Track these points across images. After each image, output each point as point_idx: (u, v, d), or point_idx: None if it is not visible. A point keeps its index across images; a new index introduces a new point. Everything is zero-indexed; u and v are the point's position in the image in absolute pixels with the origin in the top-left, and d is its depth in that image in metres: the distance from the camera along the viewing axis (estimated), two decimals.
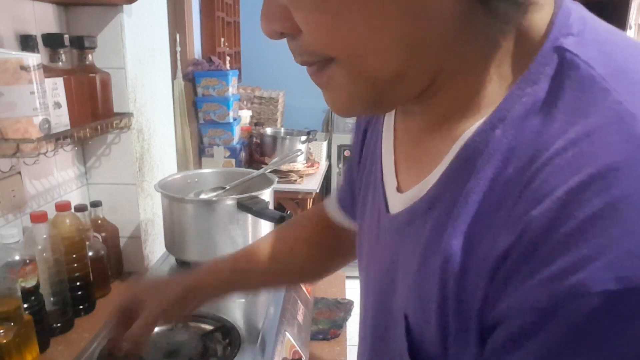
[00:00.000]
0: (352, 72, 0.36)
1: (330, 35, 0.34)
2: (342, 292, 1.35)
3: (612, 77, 0.31)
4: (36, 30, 1.08)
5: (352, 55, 0.34)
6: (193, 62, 2.43)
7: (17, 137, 0.86)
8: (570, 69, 0.32)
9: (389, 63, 0.34)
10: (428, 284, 0.37)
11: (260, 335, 0.86)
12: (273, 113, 3.05)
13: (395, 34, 0.33)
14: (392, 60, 0.34)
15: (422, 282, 0.38)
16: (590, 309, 0.26)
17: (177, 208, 1.10)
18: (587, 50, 0.33)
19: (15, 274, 0.86)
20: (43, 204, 1.14)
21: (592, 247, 0.27)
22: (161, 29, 1.51)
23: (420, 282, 0.38)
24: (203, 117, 2.46)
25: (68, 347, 0.98)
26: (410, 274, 0.40)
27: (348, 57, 0.35)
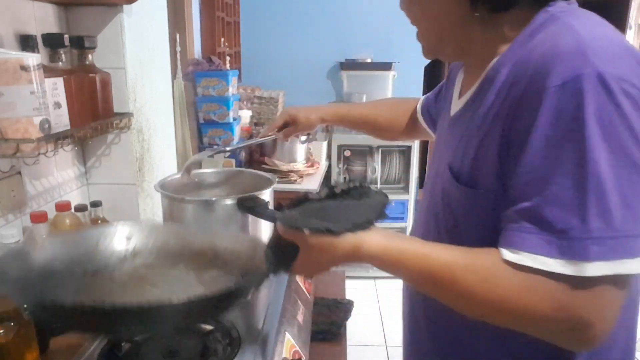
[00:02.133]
0: (419, 35, 0.71)
1: (411, 18, 0.70)
2: (342, 292, 1.35)
3: (580, 25, 0.55)
4: (36, 30, 1.08)
5: (418, 28, 0.70)
6: (193, 62, 2.43)
7: (17, 137, 0.86)
8: (553, 20, 0.58)
9: (429, 38, 0.70)
10: (469, 140, 0.63)
11: (260, 335, 0.86)
12: (273, 113, 3.05)
13: (428, 26, 0.68)
14: (430, 38, 0.69)
15: (466, 140, 0.64)
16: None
17: (177, 208, 1.10)
18: (566, 14, 0.58)
19: None
20: (43, 204, 1.14)
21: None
22: (161, 29, 1.51)
23: (465, 140, 0.64)
24: (203, 117, 2.46)
25: (68, 347, 0.97)
26: (454, 142, 0.67)
27: (417, 30, 0.70)
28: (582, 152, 0.50)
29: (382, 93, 3.36)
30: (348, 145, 3.09)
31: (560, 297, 0.50)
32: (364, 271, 3.22)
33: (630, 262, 0.49)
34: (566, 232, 0.50)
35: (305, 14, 3.59)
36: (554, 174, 0.51)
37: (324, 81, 3.69)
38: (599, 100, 0.50)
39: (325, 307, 1.22)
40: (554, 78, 0.51)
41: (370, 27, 3.53)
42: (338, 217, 0.63)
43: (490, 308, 0.55)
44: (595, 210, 0.49)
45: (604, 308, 0.50)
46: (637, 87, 0.51)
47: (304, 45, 3.62)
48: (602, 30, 0.55)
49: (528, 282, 0.51)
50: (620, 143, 0.50)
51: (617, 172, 0.49)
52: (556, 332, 0.53)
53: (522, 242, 0.52)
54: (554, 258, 0.50)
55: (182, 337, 0.83)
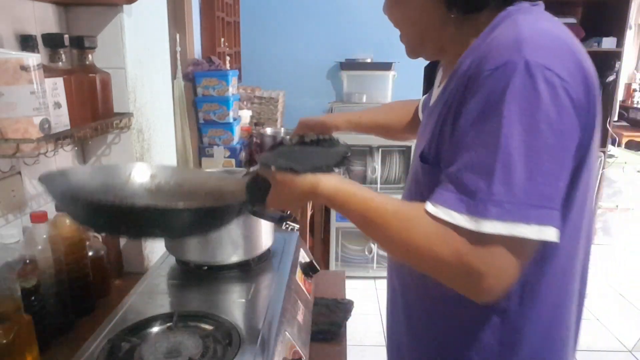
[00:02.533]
0: (403, 39, 0.79)
1: (390, 17, 0.78)
2: (342, 292, 1.35)
3: (527, 26, 0.61)
4: (36, 30, 1.08)
5: (401, 31, 0.78)
6: (193, 62, 2.43)
7: (17, 137, 0.86)
8: (507, 17, 0.65)
9: (411, 39, 0.77)
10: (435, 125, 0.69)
11: (260, 335, 0.86)
12: (273, 113, 3.05)
13: (409, 28, 0.76)
14: (412, 39, 0.77)
15: (433, 125, 0.70)
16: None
17: None
18: (519, 12, 0.66)
19: (15, 274, 0.86)
20: (43, 204, 1.14)
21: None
22: (161, 29, 1.51)
23: (432, 125, 0.70)
24: (203, 117, 2.46)
25: (68, 347, 0.98)
26: (429, 128, 0.72)
27: (401, 33, 0.78)
28: (499, 127, 0.57)
29: (382, 93, 3.36)
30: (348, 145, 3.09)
31: (459, 246, 0.58)
32: (364, 271, 3.22)
33: (524, 227, 0.55)
34: (474, 194, 0.57)
35: (305, 14, 3.59)
36: (475, 145, 0.59)
37: (324, 81, 3.69)
38: (522, 84, 0.56)
39: (325, 307, 1.22)
40: (490, 64, 0.59)
41: (370, 27, 3.53)
42: (303, 160, 0.73)
43: (407, 251, 0.63)
44: (501, 178, 0.56)
45: (497, 264, 0.57)
46: (560, 76, 0.57)
47: (304, 45, 3.62)
48: (543, 25, 0.62)
49: (438, 232, 0.59)
50: (534, 123, 0.56)
51: (527, 148, 0.56)
52: (455, 278, 0.61)
53: (442, 199, 0.60)
54: (462, 214, 0.58)
55: (182, 337, 0.83)
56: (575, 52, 0.60)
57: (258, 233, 1.13)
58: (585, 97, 0.60)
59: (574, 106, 0.58)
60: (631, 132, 4.86)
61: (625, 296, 3.07)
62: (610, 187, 3.71)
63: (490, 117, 0.58)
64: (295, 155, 0.77)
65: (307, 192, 0.71)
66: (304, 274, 1.22)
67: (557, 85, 0.57)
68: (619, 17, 3.39)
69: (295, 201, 0.75)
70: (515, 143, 0.56)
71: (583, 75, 0.60)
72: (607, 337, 2.63)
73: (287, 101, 3.44)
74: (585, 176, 0.65)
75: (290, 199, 0.74)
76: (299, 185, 0.70)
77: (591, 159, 0.64)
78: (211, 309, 0.94)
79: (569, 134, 0.58)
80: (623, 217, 3.76)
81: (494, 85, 0.58)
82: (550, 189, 0.57)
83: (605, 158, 3.42)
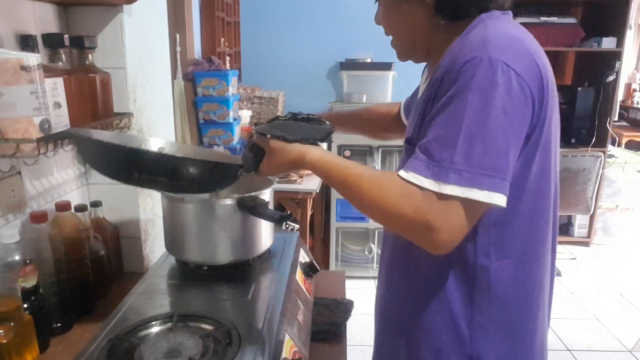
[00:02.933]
0: (394, 44, 0.90)
1: (384, 25, 0.89)
2: (342, 292, 1.35)
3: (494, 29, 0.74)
4: (36, 30, 1.08)
5: (392, 37, 0.89)
6: (193, 62, 2.43)
7: (17, 137, 0.86)
8: (480, 22, 0.78)
9: (404, 44, 0.89)
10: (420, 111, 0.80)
11: (260, 335, 0.86)
12: (273, 113, 3.05)
13: (402, 36, 0.88)
14: (405, 44, 0.88)
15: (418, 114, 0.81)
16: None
17: (177, 208, 1.10)
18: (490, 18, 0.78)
19: (15, 274, 0.86)
20: (43, 204, 1.14)
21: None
22: (161, 29, 1.51)
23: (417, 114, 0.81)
24: (203, 117, 2.46)
25: (68, 347, 0.98)
26: (414, 118, 0.83)
27: (392, 38, 0.90)
28: (463, 109, 0.69)
29: (382, 93, 3.36)
30: (348, 145, 3.09)
31: (421, 204, 0.69)
32: (364, 271, 3.22)
33: (477, 192, 0.67)
34: (439, 162, 0.69)
35: (305, 14, 3.59)
36: (443, 122, 0.71)
37: (324, 81, 3.69)
38: (484, 75, 0.69)
39: (325, 307, 1.21)
40: (462, 59, 0.71)
41: (370, 27, 3.49)
42: (294, 132, 0.85)
43: (377, 208, 0.75)
44: (461, 150, 0.68)
45: (450, 220, 0.69)
46: (516, 71, 0.69)
47: (304, 45, 3.62)
48: (507, 30, 0.75)
49: (405, 191, 0.71)
50: (490, 107, 0.68)
51: (484, 127, 0.68)
52: (415, 231, 0.72)
53: (412, 166, 0.72)
54: (428, 178, 0.69)
55: (182, 337, 0.83)
56: (531, 52, 0.73)
57: (258, 233, 1.13)
58: (538, 90, 0.72)
59: (526, 96, 0.70)
60: (631, 132, 4.86)
61: (625, 296, 3.07)
62: (610, 187, 3.71)
63: (457, 100, 0.70)
64: (288, 127, 0.88)
65: (296, 159, 0.83)
66: (304, 274, 1.22)
67: (513, 78, 0.69)
68: (619, 17, 3.39)
69: (284, 166, 0.86)
70: (474, 122, 0.68)
71: (537, 72, 0.72)
72: (607, 337, 2.63)
73: (287, 101, 3.44)
74: (543, 155, 0.77)
75: (280, 164, 0.86)
76: (289, 151, 0.84)
77: (548, 138, 0.77)
78: (211, 309, 0.94)
79: (520, 119, 0.71)
80: (623, 217, 3.77)
81: (463, 75, 0.70)
82: (501, 162, 0.69)
83: (605, 158, 3.42)
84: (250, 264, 1.14)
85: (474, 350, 0.82)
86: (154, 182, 0.86)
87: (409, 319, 0.88)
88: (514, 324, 0.83)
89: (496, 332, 0.82)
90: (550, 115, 0.76)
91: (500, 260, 0.80)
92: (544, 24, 3.43)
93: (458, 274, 0.81)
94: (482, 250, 0.79)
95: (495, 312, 0.81)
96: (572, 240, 3.80)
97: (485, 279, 0.80)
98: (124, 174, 0.87)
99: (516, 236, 0.80)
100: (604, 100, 3.51)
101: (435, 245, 0.71)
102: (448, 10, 0.80)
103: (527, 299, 0.84)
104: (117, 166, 0.86)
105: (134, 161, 0.84)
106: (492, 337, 0.82)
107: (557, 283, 3.20)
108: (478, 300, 0.81)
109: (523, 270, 0.82)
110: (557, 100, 0.80)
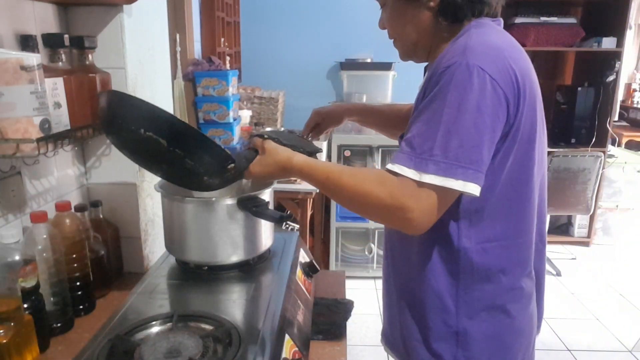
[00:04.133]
0: (397, 45, 0.97)
1: (389, 29, 0.97)
2: (342, 292, 1.35)
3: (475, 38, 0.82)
4: (36, 30, 1.08)
5: (395, 39, 0.97)
6: (193, 62, 2.43)
7: (17, 137, 0.86)
8: (467, 30, 0.86)
9: (407, 45, 0.95)
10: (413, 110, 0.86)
11: (260, 335, 0.86)
12: (273, 113, 3.05)
13: (406, 38, 0.94)
14: (408, 45, 0.95)
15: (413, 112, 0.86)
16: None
17: (177, 208, 1.10)
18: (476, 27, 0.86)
19: (15, 274, 0.86)
20: (43, 204, 1.14)
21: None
22: (161, 29, 1.51)
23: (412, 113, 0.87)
24: (203, 117, 2.46)
25: (68, 347, 0.98)
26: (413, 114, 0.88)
27: (395, 40, 0.97)
28: (442, 107, 0.77)
29: (382, 93, 3.36)
30: (348, 145, 3.09)
31: (395, 189, 0.78)
32: (364, 271, 3.22)
33: (453, 181, 0.76)
34: (420, 154, 0.77)
35: (305, 14, 3.59)
36: (425, 119, 0.79)
37: (324, 81, 3.69)
38: (462, 78, 0.77)
39: (325, 307, 1.21)
40: (445, 63, 0.80)
41: (370, 27, 3.50)
42: (288, 139, 0.97)
43: (353, 197, 0.83)
44: (440, 144, 0.76)
45: (424, 205, 0.77)
46: (489, 73, 0.77)
47: (304, 45, 3.62)
48: (486, 38, 0.83)
49: (380, 179, 0.80)
50: (467, 106, 0.76)
51: (460, 124, 0.76)
52: (388, 213, 0.80)
53: (397, 158, 0.80)
54: (410, 168, 0.77)
55: (182, 337, 0.83)
56: (507, 58, 0.80)
57: (258, 233, 1.13)
58: (512, 93, 0.79)
59: (499, 98, 0.78)
60: (631, 132, 4.86)
61: (625, 296, 3.07)
62: (610, 187, 3.71)
63: (437, 100, 0.78)
64: (283, 134, 0.99)
65: (284, 160, 0.92)
66: (304, 274, 1.22)
67: (487, 81, 0.77)
68: (619, 17, 3.39)
69: (272, 166, 0.93)
70: (451, 119, 0.76)
71: (511, 77, 0.79)
72: (607, 337, 2.63)
73: (287, 101, 3.44)
74: (522, 150, 0.84)
75: (269, 163, 0.93)
76: (279, 153, 0.93)
77: (529, 137, 0.84)
78: (211, 309, 0.94)
79: (494, 117, 0.78)
80: (623, 217, 3.77)
81: (445, 78, 0.78)
82: (475, 155, 0.76)
83: (605, 158, 3.42)
84: (250, 264, 1.15)
85: (460, 325, 0.90)
86: (153, 143, 0.88)
87: (405, 299, 0.98)
88: (497, 301, 0.90)
89: (481, 309, 0.90)
90: (529, 114, 0.83)
91: (481, 243, 0.88)
92: (544, 24, 3.43)
93: (444, 255, 0.90)
94: (464, 233, 0.88)
95: (479, 290, 0.89)
96: (572, 240, 3.80)
97: (468, 260, 0.88)
98: (127, 125, 0.90)
99: (495, 221, 0.88)
100: (604, 100, 3.51)
101: (409, 225, 0.79)
102: (450, 13, 0.87)
103: (509, 278, 0.91)
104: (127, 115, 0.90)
105: (147, 116, 0.89)
106: (476, 313, 0.90)
107: (557, 283, 3.21)
108: (463, 279, 0.89)
109: (505, 251, 0.90)
110: (540, 99, 0.88)
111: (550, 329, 2.68)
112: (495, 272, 0.90)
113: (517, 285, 0.92)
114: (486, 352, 0.91)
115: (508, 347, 0.93)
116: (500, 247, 0.89)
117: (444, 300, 0.90)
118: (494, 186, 0.84)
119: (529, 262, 0.94)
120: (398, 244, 1.01)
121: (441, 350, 0.92)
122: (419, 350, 0.94)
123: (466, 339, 0.90)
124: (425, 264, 0.92)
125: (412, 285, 0.95)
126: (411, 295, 0.96)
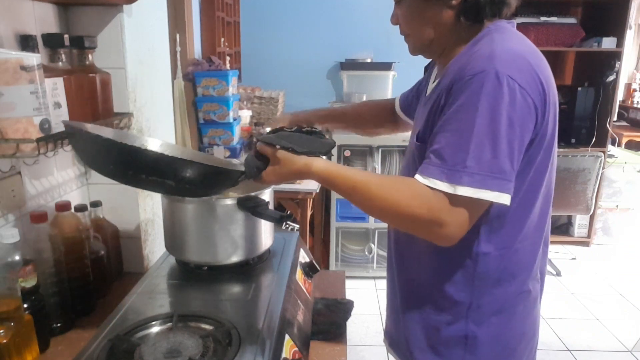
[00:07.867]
0: (409, 40, 0.94)
1: (403, 26, 0.93)
2: (342, 292, 1.35)
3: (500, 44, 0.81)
4: (36, 30, 1.08)
5: (408, 35, 0.94)
6: (193, 62, 2.43)
7: (17, 137, 0.86)
8: (488, 34, 0.85)
9: (421, 41, 0.91)
10: (430, 111, 0.86)
11: (260, 336, 0.86)
12: (273, 113, 3.05)
13: (423, 33, 0.90)
14: (422, 41, 0.91)
15: (428, 112, 0.87)
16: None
17: (177, 208, 1.10)
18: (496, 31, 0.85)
19: (15, 274, 0.86)
20: (43, 204, 1.14)
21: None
22: (161, 29, 1.51)
23: (427, 112, 0.87)
24: (203, 117, 2.46)
25: (68, 347, 0.98)
26: (424, 114, 0.89)
27: (408, 35, 0.94)
28: (474, 117, 0.76)
29: (382, 93, 3.36)
30: (348, 145, 3.09)
31: (433, 204, 0.77)
32: (364, 271, 3.22)
33: (487, 192, 0.75)
34: (453, 166, 0.76)
35: (305, 14, 3.58)
36: (455, 129, 0.77)
37: (324, 81, 3.69)
38: (492, 87, 0.75)
39: (325, 307, 1.21)
40: (470, 71, 0.78)
41: (370, 27, 3.53)
42: (301, 144, 0.89)
43: (386, 209, 0.82)
44: (473, 155, 0.75)
45: (459, 216, 0.77)
46: (518, 82, 0.76)
47: (304, 45, 3.62)
48: (511, 44, 0.82)
49: (415, 192, 0.78)
50: (498, 116, 0.75)
51: (492, 134, 0.75)
52: (424, 227, 0.79)
53: (427, 170, 0.79)
54: (442, 181, 0.76)
55: (182, 337, 0.83)
56: (533, 66, 0.80)
57: (258, 233, 1.13)
58: (540, 102, 0.79)
59: (529, 107, 0.77)
60: (631, 132, 4.86)
61: (625, 296, 3.07)
62: (610, 187, 3.71)
63: (468, 109, 0.76)
64: (295, 139, 0.91)
65: (302, 169, 0.87)
66: (304, 274, 1.22)
67: (517, 90, 0.76)
68: (619, 17, 3.39)
69: (289, 176, 0.89)
70: (484, 130, 0.75)
71: (538, 85, 0.79)
72: (607, 337, 2.63)
73: (287, 101, 3.44)
74: (542, 156, 0.84)
75: (284, 173, 0.88)
76: (295, 162, 0.87)
77: (550, 142, 0.85)
78: (211, 309, 0.94)
79: (524, 127, 0.78)
80: (623, 217, 3.76)
81: (472, 86, 0.76)
82: (507, 166, 0.76)
83: (605, 158, 3.42)
84: (250, 264, 1.14)
85: (469, 330, 0.90)
86: (151, 183, 0.84)
87: (412, 302, 0.97)
88: (506, 304, 0.91)
89: (491, 313, 0.90)
90: (552, 121, 0.83)
91: (500, 249, 0.88)
92: (544, 24, 3.43)
93: (460, 261, 0.89)
94: (484, 239, 0.87)
95: (490, 294, 0.89)
96: (572, 240, 3.80)
97: (485, 265, 0.88)
98: (120, 172, 0.85)
99: (514, 226, 0.88)
100: (604, 100, 3.51)
101: (443, 239, 0.79)
102: (472, 12, 0.85)
103: (518, 281, 0.91)
104: (116, 163, 0.84)
105: (133, 160, 0.82)
106: (487, 317, 0.90)
107: (557, 283, 3.20)
108: (477, 285, 0.89)
109: (516, 255, 0.90)
110: (557, 104, 0.87)
111: (550, 329, 2.68)
112: (506, 277, 0.89)
113: (524, 288, 0.92)
114: (492, 355, 0.91)
115: (513, 350, 0.93)
116: (514, 251, 0.89)
117: (456, 305, 0.90)
118: (517, 192, 0.82)
119: (536, 265, 0.94)
120: (407, 247, 1.00)
121: (448, 354, 0.92)
122: (425, 353, 0.94)
123: (475, 343, 0.90)
124: (439, 268, 0.91)
125: (421, 289, 0.95)
126: (419, 298, 0.95)
